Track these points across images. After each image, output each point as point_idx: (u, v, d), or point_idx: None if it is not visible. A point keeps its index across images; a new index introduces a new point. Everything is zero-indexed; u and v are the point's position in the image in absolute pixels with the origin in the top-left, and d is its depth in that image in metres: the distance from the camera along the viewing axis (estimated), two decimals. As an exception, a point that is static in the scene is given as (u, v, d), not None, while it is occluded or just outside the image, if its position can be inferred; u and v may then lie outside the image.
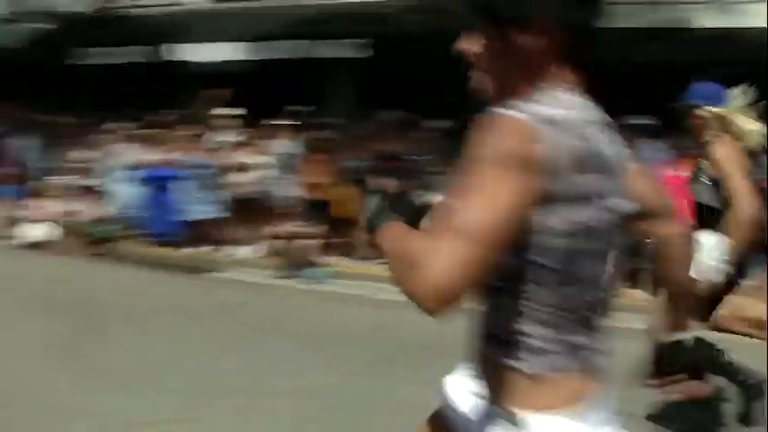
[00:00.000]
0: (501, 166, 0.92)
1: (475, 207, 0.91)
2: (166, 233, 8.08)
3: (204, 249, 7.73)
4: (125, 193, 8.42)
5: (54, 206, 8.75)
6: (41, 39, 12.48)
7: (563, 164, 0.94)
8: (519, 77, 1.03)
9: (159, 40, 10.57)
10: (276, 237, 7.06)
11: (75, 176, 8.92)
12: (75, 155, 9.20)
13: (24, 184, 9.76)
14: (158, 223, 8.13)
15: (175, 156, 8.17)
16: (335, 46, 9.77)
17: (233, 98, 8.21)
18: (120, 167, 8.54)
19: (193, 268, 7.29)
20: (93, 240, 8.34)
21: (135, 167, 8.32)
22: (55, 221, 8.58)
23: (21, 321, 5.09)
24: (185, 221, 7.92)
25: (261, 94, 8.98)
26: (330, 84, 9.88)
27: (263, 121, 7.99)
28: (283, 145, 7.62)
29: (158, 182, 8.07)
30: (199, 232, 7.84)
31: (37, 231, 8.68)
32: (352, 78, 9.83)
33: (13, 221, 9.35)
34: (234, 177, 7.59)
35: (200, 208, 7.79)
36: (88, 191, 8.62)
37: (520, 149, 0.92)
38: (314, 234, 6.88)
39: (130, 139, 8.69)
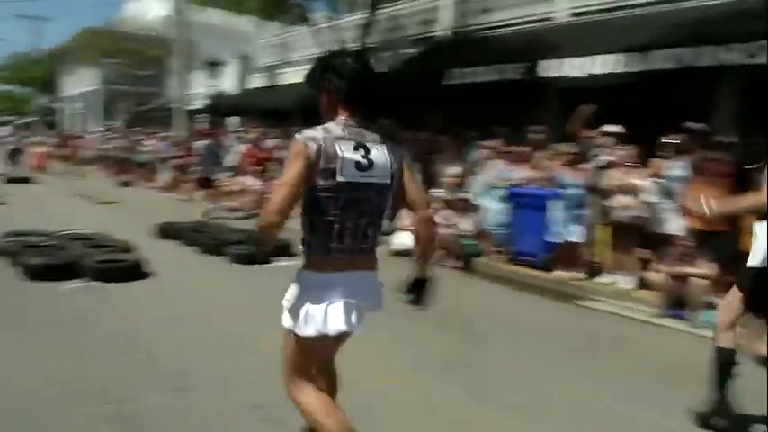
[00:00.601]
0: (293, 158, 2.38)
1: (285, 174, 2.38)
2: (532, 253, 7.94)
3: (572, 274, 7.37)
4: (493, 210, 8.51)
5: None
6: (414, 62, 13.60)
7: (315, 157, 2.37)
8: (323, 114, 2.58)
9: (526, 56, 10.56)
10: (658, 270, 6.33)
11: (447, 190, 9.36)
12: (448, 170, 9.66)
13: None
14: (524, 242, 8.03)
15: (545, 174, 7.98)
16: (722, 52, 8.55)
17: (607, 114, 7.70)
18: (489, 184, 8.67)
19: (561, 293, 6.99)
20: (460, 254, 8.62)
21: (504, 185, 8.35)
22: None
23: (410, 331, 5.34)
24: (553, 243, 7.67)
25: (638, 109, 8.31)
26: (717, 95, 8.71)
27: (644, 139, 7.31)
28: (669, 166, 6.84)
29: (527, 200, 7.96)
30: (566, 255, 7.51)
31: (402, 240, 9.33)
32: (742, 88, 8.52)
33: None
34: (610, 200, 7.05)
35: (569, 230, 7.45)
36: (459, 205, 8.92)
37: (297, 151, 2.39)
38: (705, 271, 5.98)
39: (501, 156, 8.76)
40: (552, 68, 9.88)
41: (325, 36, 13.71)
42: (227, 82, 21.34)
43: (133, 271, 6.49)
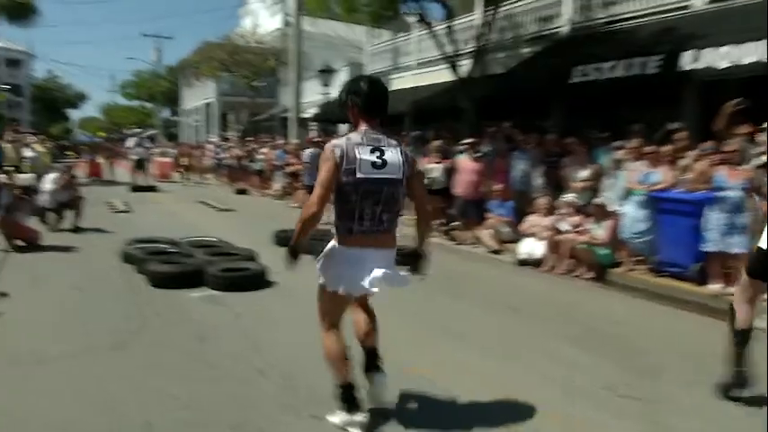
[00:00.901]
0: (324, 162, 3.13)
1: (320, 175, 3.12)
2: (680, 264, 7.14)
3: (725, 288, 6.51)
4: (631, 216, 7.76)
5: (547, 223, 8.68)
6: (534, 61, 12.93)
7: (340, 159, 3.09)
8: (353, 125, 3.34)
9: (660, 49, 9.68)
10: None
11: (578, 195, 8.69)
12: (577, 173, 9.00)
13: (517, 201, 10.08)
14: (671, 252, 7.23)
15: (696, 176, 7.17)
16: None
17: (757, 108, 6.79)
18: (627, 188, 7.93)
19: (717, 310, 6.16)
20: (592, 263, 7.95)
21: (645, 189, 7.59)
22: (548, 239, 8.48)
23: (550, 349, 4.82)
24: (705, 253, 6.85)
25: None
26: None
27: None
28: None
29: (674, 205, 7.16)
30: (722, 267, 6.67)
31: (530, 248, 8.75)
32: None
33: (502, 237, 9.70)
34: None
35: (722, 239, 6.62)
36: (591, 211, 8.25)
37: (327, 156, 3.13)
38: None
39: (639, 157, 7.99)
40: (692, 60, 8.97)
41: (442, 38, 13.30)
42: (338, 90, 21.40)
43: (258, 280, 6.33)
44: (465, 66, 13.08)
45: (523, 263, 8.70)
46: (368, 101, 3.28)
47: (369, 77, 3.53)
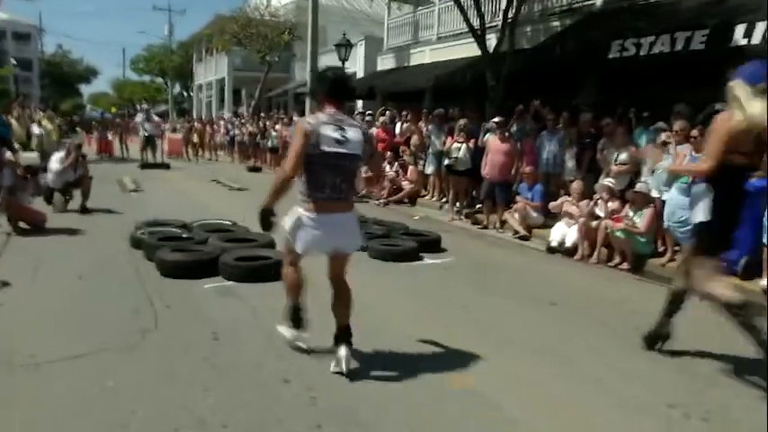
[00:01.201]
0: (297, 134, 3.66)
1: (293, 145, 3.68)
2: (729, 258, 6.58)
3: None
4: (675, 203, 7.19)
5: (580, 209, 8.14)
6: (566, 36, 12.25)
7: (309, 135, 3.59)
8: (319, 108, 3.87)
9: (705, 23, 9.02)
10: None
11: (616, 180, 8.12)
12: (614, 155, 8.42)
13: (546, 185, 9.53)
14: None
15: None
16: None
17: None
18: (670, 173, 7.34)
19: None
20: (630, 253, 7.43)
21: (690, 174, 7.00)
22: (578, 225, 7.94)
23: (610, 356, 4.30)
24: (753, 246, 6.29)
25: None
26: None
27: None
28: None
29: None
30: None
31: (561, 234, 8.23)
32: None
33: (530, 222, 9.17)
34: None
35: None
36: (631, 197, 7.69)
37: (299, 130, 3.66)
38: None
39: (683, 140, 7.39)
40: (744, 34, 8.31)
41: (469, 10, 12.64)
42: (354, 64, 20.79)
43: (278, 270, 5.73)
44: (491, 40, 12.43)
45: (553, 250, 8.18)
46: (332, 87, 3.85)
47: (333, 69, 4.39)
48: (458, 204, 10.58)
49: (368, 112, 15.47)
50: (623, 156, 8.36)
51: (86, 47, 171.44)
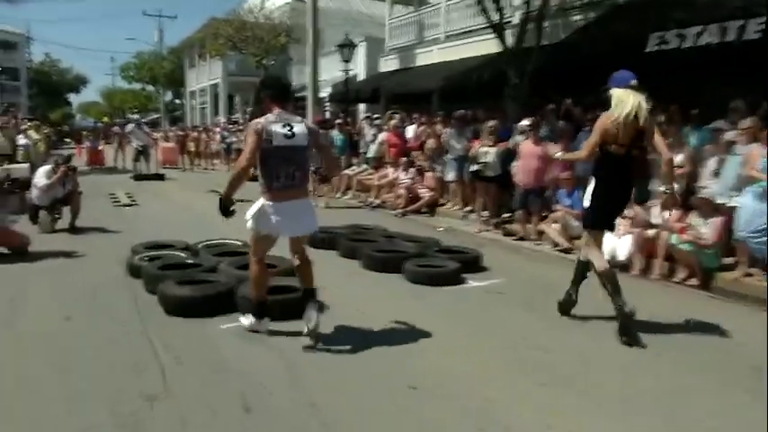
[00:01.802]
0: (251, 134, 4.19)
1: (247, 144, 4.24)
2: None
3: None
4: (748, 211, 6.33)
5: (637, 216, 7.24)
6: (596, 28, 11.40)
7: (261, 132, 4.13)
8: (265, 109, 4.39)
9: (761, 10, 8.19)
10: None
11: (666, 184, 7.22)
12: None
13: (585, 191, 8.63)
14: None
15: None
16: None
17: None
18: (741, 177, 6.49)
19: None
20: (696, 267, 6.54)
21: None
22: (635, 236, 7.06)
23: (699, 395, 3.33)
24: None
25: None
26: None
27: None
28: None
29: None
30: None
31: (612, 247, 7.31)
32: None
33: (571, 232, 8.27)
34: None
35: None
36: (695, 204, 6.81)
37: (252, 130, 4.19)
38: None
39: (752, 139, 6.55)
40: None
41: (488, 4, 11.75)
42: (355, 66, 19.89)
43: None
44: (507, 36, 11.55)
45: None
46: (276, 92, 4.42)
47: (277, 76, 5.30)
48: (486, 213, 9.65)
49: (375, 116, 14.56)
50: (678, 158, 7.45)
51: (74, 55, 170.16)
